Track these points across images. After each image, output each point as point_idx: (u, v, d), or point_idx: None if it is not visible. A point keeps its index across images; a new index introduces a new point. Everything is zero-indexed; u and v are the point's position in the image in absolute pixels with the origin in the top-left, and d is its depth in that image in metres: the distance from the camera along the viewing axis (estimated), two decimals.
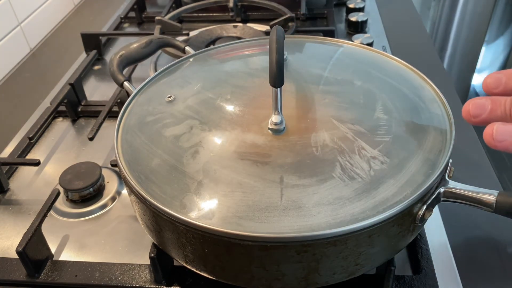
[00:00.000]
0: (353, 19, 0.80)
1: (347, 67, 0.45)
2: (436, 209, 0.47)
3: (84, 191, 0.50)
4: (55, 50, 0.85)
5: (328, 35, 0.72)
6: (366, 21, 0.81)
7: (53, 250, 0.45)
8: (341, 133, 0.36)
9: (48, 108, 0.61)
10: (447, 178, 0.36)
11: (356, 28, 0.81)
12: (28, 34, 0.84)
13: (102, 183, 0.52)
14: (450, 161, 0.37)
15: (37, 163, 0.53)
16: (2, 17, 0.77)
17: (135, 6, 0.90)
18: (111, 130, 0.60)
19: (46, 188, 0.53)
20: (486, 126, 0.34)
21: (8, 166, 0.56)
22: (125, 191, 0.52)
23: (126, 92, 0.47)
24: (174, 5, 0.92)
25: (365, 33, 0.80)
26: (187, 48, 0.53)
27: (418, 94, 0.42)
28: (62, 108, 0.64)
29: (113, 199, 0.51)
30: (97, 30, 0.88)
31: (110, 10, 0.97)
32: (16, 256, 0.41)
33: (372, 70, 0.45)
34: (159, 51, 0.68)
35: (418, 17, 0.87)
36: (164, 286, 0.41)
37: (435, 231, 0.45)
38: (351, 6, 0.85)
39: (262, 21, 0.84)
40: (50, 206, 0.45)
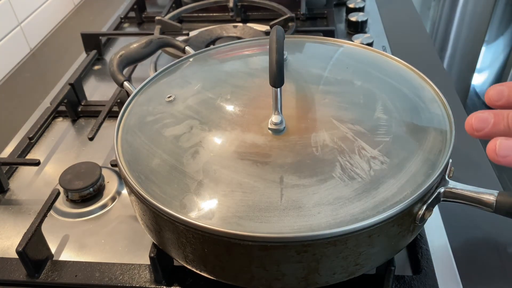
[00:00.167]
0: (353, 19, 0.80)
1: (347, 67, 0.45)
2: (436, 209, 0.47)
3: (84, 191, 0.50)
4: (55, 50, 0.85)
5: (328, 35, 0.72)
6: (366, 21, 0.81)
7: (53, 250, 0.45)
8: (341, 133, 0.36)
9: (48, 108, 0.61)
10: (447, 178, 0.36)
11: (356, 28, 0.81)
12: (28, 34, 0.84)
13: (102, 183, 0.52)
14: (450, 161, 0.37)
15: (37, 163, 0.53)
16: (2, 17, 0.77)
17: (135, 6, 0.90)
18: (111, 130, 0.60)
19: (46, 188, 0.53)
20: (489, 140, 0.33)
21: (8, 166, 0.56)
22: (125, 191, 0.52)
23: (126, 92, 0.47)
24: (174, 5, 0.92)
25: (365, 33, 0.80)
26: (187, 48, 0.53)
27: (418, 94, 0.42)
28: (62, 108, 0.64)
29: (113, 199, 0.51)
30: (97, 30, 0.88)
31: (110, 10, 0.97)
32: (16, 256, 0.41)
33: (372, 70, 0.45)
34: (159, 51, 0.68)
35: (418, 17, 0.87)
36: (164, 286, 0.41)
37: (435, 231, 0.45)
38: (351, 6, 0.85)
39: (262, 21, 0.84)
40: (50, 206, 0.45)
